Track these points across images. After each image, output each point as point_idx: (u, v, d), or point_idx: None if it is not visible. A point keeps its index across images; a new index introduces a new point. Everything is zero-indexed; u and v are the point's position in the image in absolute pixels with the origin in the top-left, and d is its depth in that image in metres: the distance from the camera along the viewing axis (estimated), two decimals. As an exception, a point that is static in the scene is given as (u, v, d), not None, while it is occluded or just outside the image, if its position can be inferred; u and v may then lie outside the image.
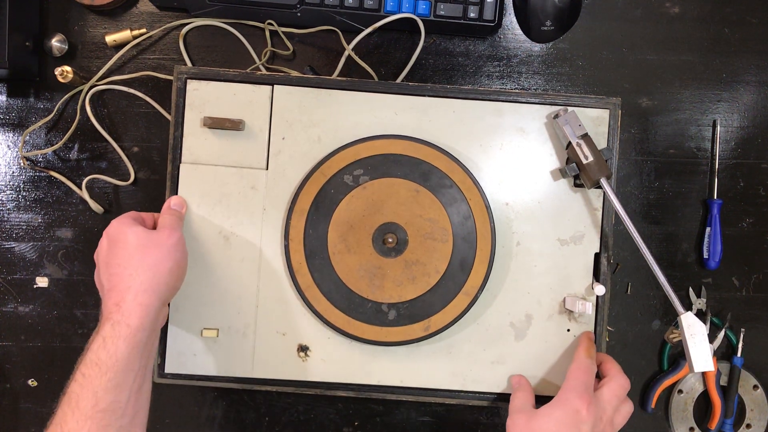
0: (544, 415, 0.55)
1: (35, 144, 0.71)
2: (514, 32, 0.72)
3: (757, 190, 0.73)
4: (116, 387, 0.49)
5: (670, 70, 0.72)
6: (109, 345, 0.49)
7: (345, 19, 0.68)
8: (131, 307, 0.51)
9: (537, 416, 0.55)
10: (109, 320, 0.50)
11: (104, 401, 0.48)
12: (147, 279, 0.53)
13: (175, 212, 0.61)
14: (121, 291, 0.52)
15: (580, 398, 0.54)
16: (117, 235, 0.55)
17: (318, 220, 0.62)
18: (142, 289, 0.52)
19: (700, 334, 0.57)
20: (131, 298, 0.51)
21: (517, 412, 0.58)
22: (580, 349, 0.60)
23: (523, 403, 0.59)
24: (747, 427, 0.73)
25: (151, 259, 0.53)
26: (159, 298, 0.53)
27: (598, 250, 0.64)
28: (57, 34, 0.70)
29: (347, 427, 0.72)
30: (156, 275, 0.53)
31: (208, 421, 0.72)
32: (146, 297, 0.52)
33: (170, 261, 0.55)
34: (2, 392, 0.71)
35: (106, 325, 0.50)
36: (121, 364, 0.49)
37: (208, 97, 0.63)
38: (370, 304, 0.62)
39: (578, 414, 0.53)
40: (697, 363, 0.57)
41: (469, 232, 0.62)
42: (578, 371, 0.57)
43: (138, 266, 0.53)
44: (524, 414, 0.57)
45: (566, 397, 0.55)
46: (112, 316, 0.51)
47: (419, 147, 0.62)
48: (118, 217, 0.58)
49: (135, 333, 0.50)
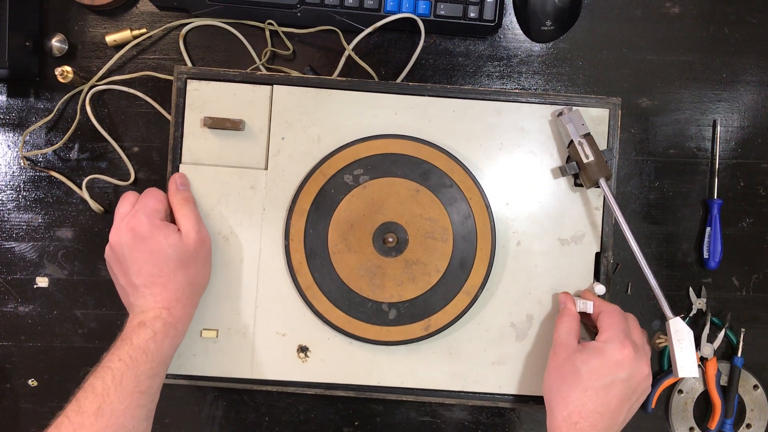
0: (583, 362, 0.55)
1: (35, 144, 0.71)
2: (514, 32, 0.72)
3: (757, 190, 0.73)
4: (155, 376, 0.55)
5: (670, 70, 0.72)
6: (159, 339, 0.55)
7: (345, 19, 0.68)
8: (181, 315, 0.57)
9: (575, 358, 0.55)
10: (160, 318, 0.56)
11: (144, 384, 0.54)
12: (190, 293, 0.59)
13: (188, 196, 0.61)
14: (168, 299, 0.57)
15: (620, 349, 0.55)
16: (148, 238, 0.57)
17: (318, 220, 0.62)
18: (189, 302, 0.59)
19: (687, 340, 0.58)
20: (180, 308, 0.57)
21: (559, 345, 0.58)
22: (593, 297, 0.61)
23: (567, 336, 0.58)
24: (747, 427, 0.73)
25: (192, 277, 0.59)
26: (196, 308, 0.61)
27: (599, 249, 0.64)
28: (57, 34, 0.70)
29: (347, 427, 0.72)
30: (197, 290, 0.60)
31: (208, 421, 0.72)
32: (191, 308, 0.59)
33: (207, 276, 0.61)
34: (2, 392, 0.71)
35: (157, 323, 0.56)
36: (163, 358, 0.56)
37: (208, 97, 0.63)
38: (371, 304, 0.62)
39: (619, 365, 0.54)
40: (683, 368, 0.57)
41: (469, 231, 0.62)
42: (611, 317, 0.57)
43: (182, 281, 0.58)
44: (565, 349, 0.57)
45: (605, 347, 0.55)
46: (162, 315, 0.56)
47: (419, 146, 0.62)
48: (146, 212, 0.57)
49: (179, 336, 0.58)
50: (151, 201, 0.59)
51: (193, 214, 0.60)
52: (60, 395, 0.71)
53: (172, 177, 0.62)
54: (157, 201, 0.59)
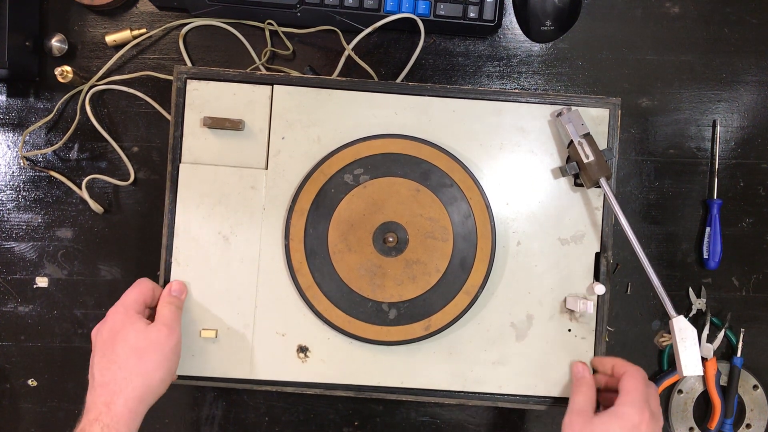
0: (602, 424, 0.54)
1: (35, 144, 0.71)
2: (514, 32, 0.72)
3: (757, 190, 0.73)
4: None
5: (670, 70, 0.72)
6: None
7: (345, 19, 0.68)
8: (121, 413, 0.54)
9: (593, 424, 0.55)
10: (99, 421, 0.53)
11: None
12: (139, 386, 0.55)
13: (175, 301, 0.60)
14: (112, 392, 0.54)
15: (640, 413, 0.54)
16: (119, 330, 0.56)
17: (318, 220, 0.62)
18: (133, 396, 0.54)
19: (691, 339, 0.58)
20: (122, 403, 0.54)
21: (576, 413, 0.57)
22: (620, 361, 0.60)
23: (584, 404, 0.58)
24: (747, 427, 0.73)
25: (147, 366, 0.55)
26: (146, 406, 0.56)
27: (599, 249, 0.64)
28: (57, 34, 0.70)
29: (347, 427, 0.72)
30: (148, 385, 0.55)
31: (208, 421, 0.72)
32: (135, 405, 0.55)
33: (164, 370, 0.56)
34: (2, 392, 0.71)
35: (96, 426, 0.53)
36: None
37: (208, 97, 0.63)
38: (371, 304, 0.62)
39: (637, 429, 0.54)
40: (687, 367, 0.57)
41: (469, 231, 0.62)
42: (635, 381, 0.57)
43: (133, 371, 0.55)
44: (582, 417, 0.56)
45: (624, 411, 0.54)
46: (101, 417, 0.53)
47: (419, 146, 0.62)
48: (125, 303, 0.58)
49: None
50: (133, 293, 0.59)
51: (173, 313, 0.59)
52: (60, 395, 0.71)
53: (171, 282, 0.62)
54: (140, 293, 0.59)
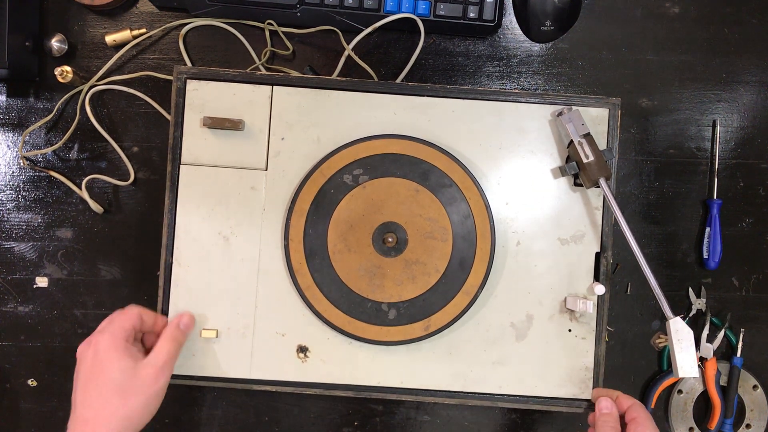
0: None
1: (35, 144, 0.71)
2: (513, 32, 0.72)
3: (756, 190, 0.73)
4: None
5: (669, 70, 0.72)
6: None
7: (345, 19, 0.68)
8: None
9: None
10: None
11: None
12: (119, 429, 0.54)
13: (180, 337, 0.60)
14: (93, 430, 0.53)
15: None
16: (103, 361, 0.55)
17: (318, 220, 0.62)
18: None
19: (687, 340, 0.58)
20: None
21: None
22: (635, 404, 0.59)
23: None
24: (747, 427, 0.73)
25: (129, 409, 0.55)
26: None
27: (599, 249, 0.64)
28: (57, 34, 0.70)
29: (347, 427, 0.72)
30: (128, 426, 0.55)
31: (208, 421, 0.72)
32: None
33: (147, 413, 0.56)
34: (2, 392, 0.71)
35: None
36: None
37: (207, 97, 0.63)
38: (370, 304, 0.62)
39: None
40: (683, 368, 0.57)
41: (468, 231, 0.62)
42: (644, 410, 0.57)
43: (114, 413, 0.54)
44: None
45: None
46: None
47: (419, 146, 0.62)
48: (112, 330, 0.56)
49: None
50: (121, 320, 0.57)
51: (171, 353, 0.58)
52: (60, 395, 0.71)
53: (181, 313, 0.61)
54: (128, 319, 0.58)
